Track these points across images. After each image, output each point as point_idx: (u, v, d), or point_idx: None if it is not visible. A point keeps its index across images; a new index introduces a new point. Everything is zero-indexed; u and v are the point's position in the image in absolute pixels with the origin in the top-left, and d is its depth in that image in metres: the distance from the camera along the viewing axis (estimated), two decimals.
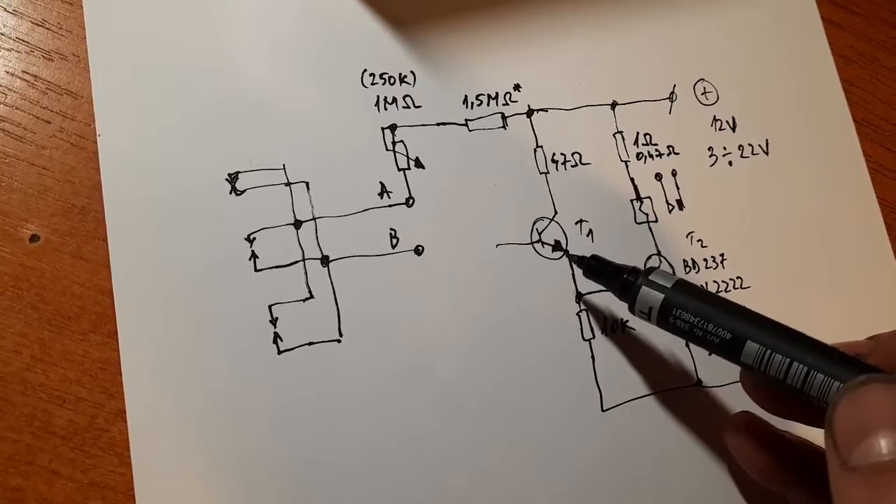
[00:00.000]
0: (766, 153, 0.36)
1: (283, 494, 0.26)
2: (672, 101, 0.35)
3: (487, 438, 0.28)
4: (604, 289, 0.31)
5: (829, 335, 0.24)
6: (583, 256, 0.30)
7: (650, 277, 0.27)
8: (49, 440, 0.25)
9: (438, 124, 0.31)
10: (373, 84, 0.31)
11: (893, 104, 0.38)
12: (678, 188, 0.34)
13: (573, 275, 0.31)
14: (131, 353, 0.26)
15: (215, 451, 0.26)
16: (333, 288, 0.28)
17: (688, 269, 0.33)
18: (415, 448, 0.28)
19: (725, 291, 0.33)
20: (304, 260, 0.28)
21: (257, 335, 0.27)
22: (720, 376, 0.32)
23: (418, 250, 0.30)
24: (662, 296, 0.26)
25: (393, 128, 0.31)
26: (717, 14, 0.37)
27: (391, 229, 0.30)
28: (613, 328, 0.31)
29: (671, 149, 0.34)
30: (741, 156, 0.35)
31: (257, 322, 0.27)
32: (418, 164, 0.31)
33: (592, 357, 0.30)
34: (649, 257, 0.32)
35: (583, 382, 0.30)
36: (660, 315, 0.26)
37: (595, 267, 0.29)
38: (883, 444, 0.18)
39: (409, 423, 0.28)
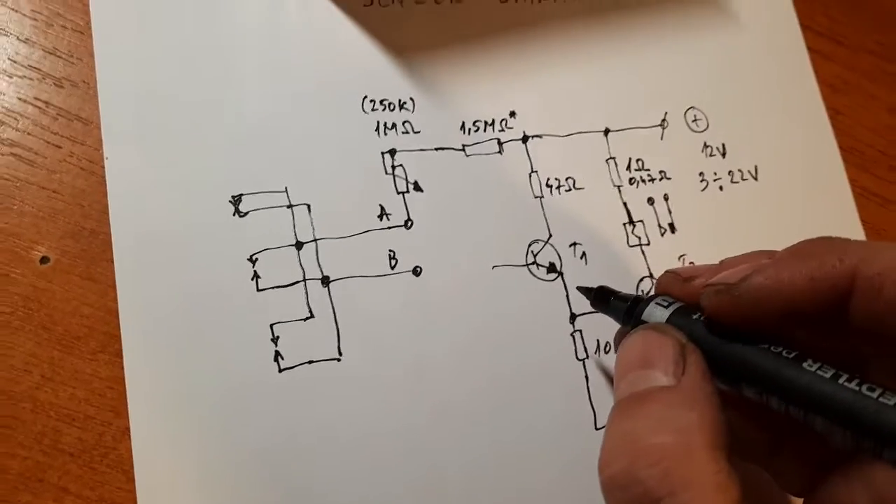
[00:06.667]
0: (756, 178, 0.37)
1: None
2: (664, 128, 0.36)
3: (484, 456, 0.29)
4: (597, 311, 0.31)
5: None
6: (590, 288, 0.29)
7: (651, 303, 0.25)
8: (58, 458, 0.25)
9: (437, 149, 0.32)
10: (373, 110, 0.32)
11: (878, 131, 0.39)
12: (670, 212, 0.35)
13: (567, 296, 0.32)
14: (136, 372, 0.26)
15: (217, 468, 0.26)
16: (333, 308, 0.29)
17: None
18: (413, 466, 0.28)
19: None
20: (304, 280, 0.29)
21: (259, 353, 0.28)
22: None
23: (416, 271, 0.30)
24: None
25: (392, 152, 0.31)
26: (706, 44, 0.38)
27: (390, 251, 0.30)
28: (607, 349, 0.32)
29: (663, 174, 0.35)
30: (731, 181, 0.36)
31: (259, 340, 0.28)
32: (417, 188, 0.31)
33: (586, 377, 0.31)
34: (641, 279, 0.33)
35: (577, 402, 0.31)
36: None
37: (601, 297, 0.28)
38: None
39: (408, 441, 0.28)
